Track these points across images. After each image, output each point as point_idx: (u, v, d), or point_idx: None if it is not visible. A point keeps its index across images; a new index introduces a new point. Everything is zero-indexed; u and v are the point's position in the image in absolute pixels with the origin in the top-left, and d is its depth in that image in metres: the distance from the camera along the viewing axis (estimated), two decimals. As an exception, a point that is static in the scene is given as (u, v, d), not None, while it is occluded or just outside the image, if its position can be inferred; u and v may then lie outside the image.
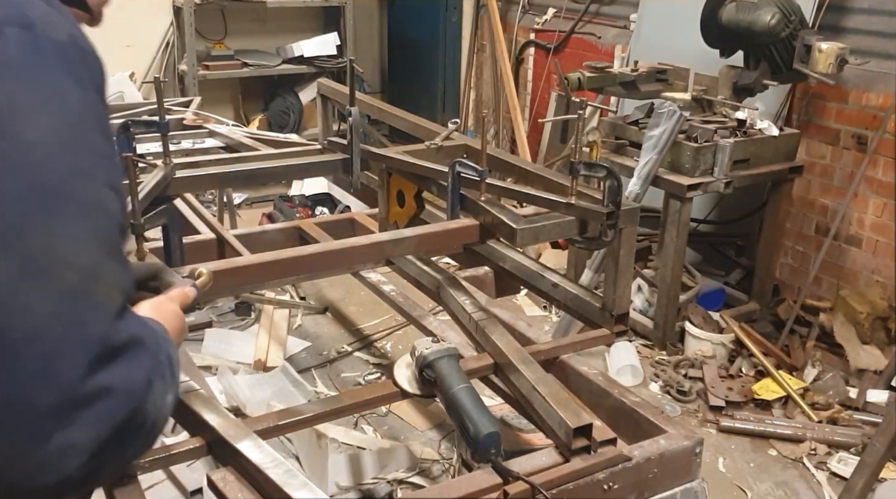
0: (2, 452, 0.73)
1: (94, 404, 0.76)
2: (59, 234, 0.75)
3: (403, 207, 2.43)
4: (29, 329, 0.73)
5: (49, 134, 0.76)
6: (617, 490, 1.59)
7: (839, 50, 3.33)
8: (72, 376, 0.74)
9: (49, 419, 0.73)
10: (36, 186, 0.74)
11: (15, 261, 0.73)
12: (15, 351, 0.72)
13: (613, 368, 3.40)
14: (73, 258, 0.77)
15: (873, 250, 3.73)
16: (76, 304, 0.76)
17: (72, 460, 0.76)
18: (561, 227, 1.96)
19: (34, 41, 0.76)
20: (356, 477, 2.67)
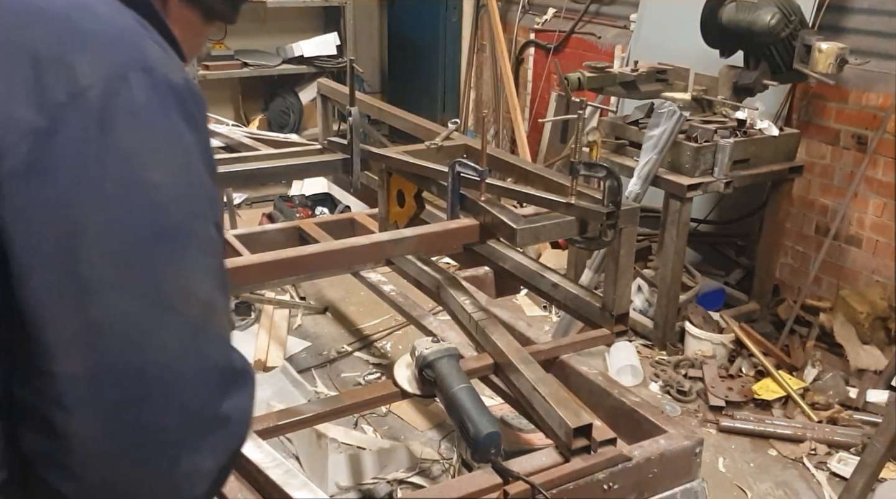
0: (139, 477, 0.78)
1: (217, 432, 0.81)
2: (184, 271, 0.79)
3: (403, 207, 2.43)
4: (161, 363, 0.77)
5: (172, 176, 0.78)
6: (617, 490, 1.59)
7: (839, 50, 3.33)
8: (199, 406, 0.79)
9: (178, 446, 0.78)
10: (163, 227, 0.77)
11: (148, 300, 0.76)
12: (149, 384, 0.76)
13: (613, 369, 3.40)
14: (197, 294, 0.80)
15: (873, 250, 3.72)
16: (200, 337, 0.80)
17: (197, 486, 0.81)
18: (561, 227, 1.96)
19: (155, 85, 0.78)
20: (356, 477, 2.67)
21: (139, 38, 0.81)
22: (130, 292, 0.75)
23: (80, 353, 0.74)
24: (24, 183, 0.72)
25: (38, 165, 0.72)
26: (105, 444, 0.76)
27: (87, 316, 0.74)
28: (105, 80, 0.75)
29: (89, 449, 0.75)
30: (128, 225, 0.75)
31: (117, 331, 0.75)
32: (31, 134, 0.72)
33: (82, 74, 0.74)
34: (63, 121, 0.73)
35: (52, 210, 0.73)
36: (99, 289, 0.74)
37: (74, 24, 0.77)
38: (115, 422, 0.76)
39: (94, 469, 0.76)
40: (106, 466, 0.76)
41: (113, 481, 0.77)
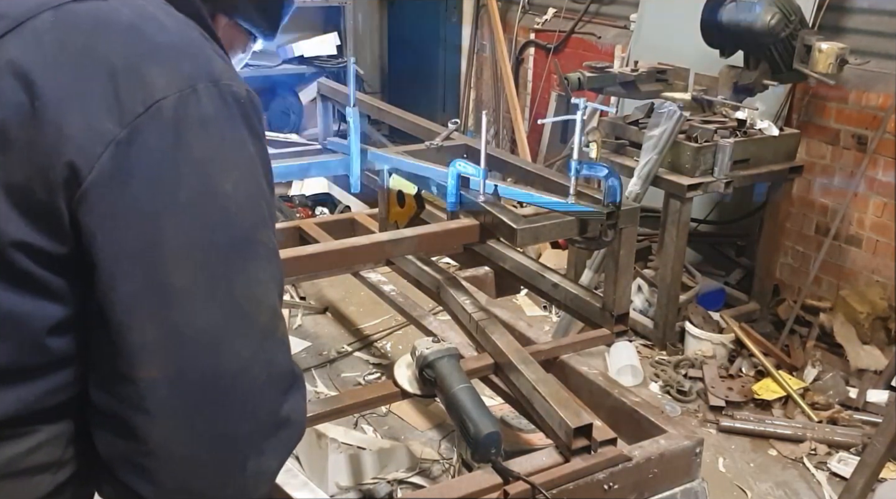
0: (213, 480, 0.81)
1: (280, 433, 0.84)
2: (254, 279, 0.82)
3: (403, 207, 2.43)
4: (235, 369, 0.80)
5: (239, 186, 0.81)
6: (617, 490, 1.59)
7: (839, 50, 3.33)
8: (267, 410, 0.83)
9: (248, 449, 0.82)
10: (235, 236, 0.81)
11: (225, 307, 0.79)
12: (224, 389, 0.79)
13: (613, 369, 3.40)
14: (265, 301, 0.84)
15: (873, 250, 3.72)
16: (268, 344, 0.83)
17: (262, 486, 0.85)
18: (561, 227, 1.96)
19: (222, 96, 0.80)
20: (356, 477, 2.67)
21: (204, 49, 0.83)
22: (208, 300, 0.78)
23: (162, 358, 0.77)
24: (108, 191, 0.74)
25: (119, 173, 0.74)
26: (183, 447, 0.79)
27: (168, 322, 0.77)
28: (178, 91, 0.77)
29: (169, 452, 0.78)
30: (203, 233, 0.78)
31: (197, 337, 0.78)
32: (114, 144, 0.74)
33: (156, 86, 0.76)
34: (140, 131, 0.75)
35: (134, 218, 0.75)
36: (179, 296, 0.77)
37: (145, 35, 0.80)
38: (194, 426, 0.79)
39: (172, 472, 0.79)
40: (183, 469, 0.79)
41: (188, 483, 0.80)
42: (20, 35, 0.76)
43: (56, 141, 0.73)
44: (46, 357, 0.78)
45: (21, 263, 0.74)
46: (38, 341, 0.77)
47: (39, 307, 0.76)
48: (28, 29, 0.77)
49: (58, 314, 0.77)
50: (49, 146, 0.73)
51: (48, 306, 0.77)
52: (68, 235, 0.75)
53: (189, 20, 0.86)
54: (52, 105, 0.74)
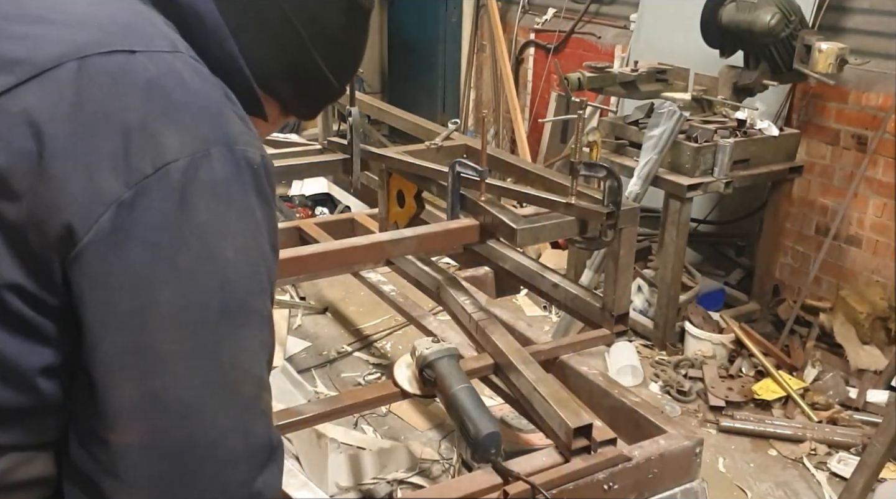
0: None
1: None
2: (243, 348, 0.80)
3: (403, 207, 2.43)
4: (211, 439, 0.78)
5: (242, 253, 0.79)
6: (617, 490, 1.59)
7: (839, 50, 3.33)
8: (238, 483, 0.81)
9: None
10: (229, 304, 0.79)
11: (208, 376, 0.78)
12: (197, 459, 0.78)
13: (613, 369, 3.40)
14: (251, 371, 0.82)
15: (873, 250, 3.72)
16: (248, 416, 0.81)
17: None
18: (561, 227, 1.96)
19: (235, 161, 0.79)
20: (356, 477, 2.67)
21: (224, 110, 0.81)
22: (192, 367, 0.77)
23: (138, 423, 0.76)
24: (104, 253, 0.73)
25: (118, 234, 0.73)
26: None
27: (148, 387, 0.75)
28: (190, 155, 0.75)
29: None
30: (197, 300, 0.76)
31: (175, 404, 0.76)
32: (116, 205, 0.72)
33: (168, 147, 0.75)
34: (145, 193, 0.73)
35: (127, 280, 0.74)
36: (163, 361, 0.75)
37: (164, 93, 0.77)
38: (161, 495, 0.78)
39: None
40: None
41: None
42: (41, 84, 0.75)
43: (57, 197, 0.72)
44: (38, 400, 0.77)
45: (14, 305, 0.73)
46: (29, 383, 0.76)
47: (30, 350, 0.75)
48: (49, 79, 0.75)
49: (49, 358, 0.76)
50: (49, 200, 0.72)
51: (39, 350, 0.76)
52: (59, 290, 0.74)
53: (216, 79, 0.84)
54: (59, 159, 0.72)
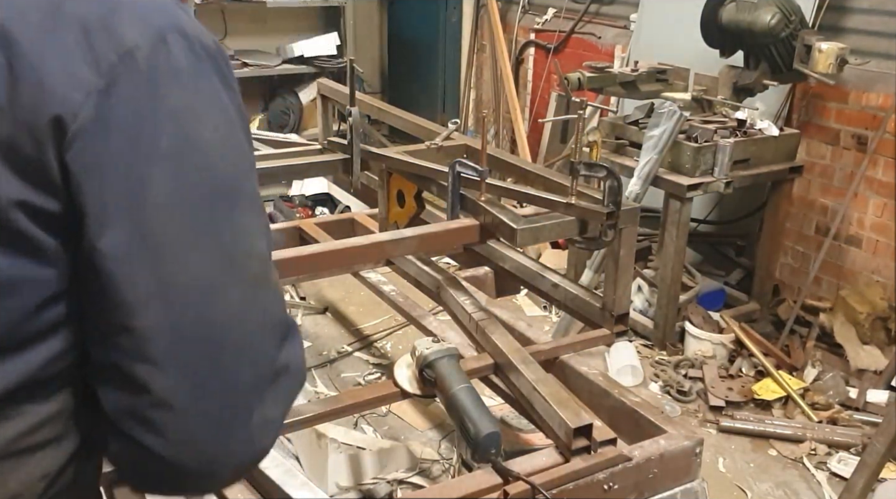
0: (219, 430, 0.81)
1: (280, 382, 0.85)
2: (242, 229, 0.83)
3: (403, 207, 2.43)
4: (229, 317, 0.81)
5: (218, 136, 0.82)
6: (617, 490, 1.59)
7: (839, 50, 3.33)
8: (265, 358, 0.83)
9: (250, 398, 0.82)
10: (219, 185, 0.81)
11: (214, 257, 0.80)
12: (219, 338, 0.80)
13: (613, 369, 3.40)
14: (255, 250, 0.84)
15: (873, 250, 3.72)
16: (261, 292, 0.84)
17: (269, 434, 0.85)
18: (561, 227, 1.96)
19: (191, 48, 0.81)
20: (356, 477, 2.67)
21: (171, 5, 0.84)
22: (198, 250, 0.79)
23: (159, 308, 0.77)
24: (91, 141, 0.75)
25: (100, 124, 0.75)
26: (187, 397, 0.79)
27: (158, 272, 0.77)
28: (148, 43, 0.78)
29: (174, 402, 0.78)
30: (186, 183, 0.79)
31: (188, 286, 0.79)
32: (95, 93, 0.75)
33: (126, 36, 0.77)
34: (117, 81, 0.76)
35: (117, 166, 0.76)
36: (168, 245, 0.77)
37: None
38: (195, 375, 0.79)
39: (179, 423, 0.79)
40: (189, 420, 0.79)
41: (195, 434, 0.80)
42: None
43: (39, 95, 0.74)
44: (41, 325, 0.78)
45: (20, 224, 0.75)
46: (31, 308, 0.77)
47: (34, 271, 0.77)
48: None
49: (52, 278, 0.78)
50: (32, 101, 0.74)
51: (43, 270, 0.77)
52: (59, 189, 0.75)
53: None
54: (31, 62, 0.74)
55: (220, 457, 0.82)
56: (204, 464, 0.82)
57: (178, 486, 0.86)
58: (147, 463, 0.81)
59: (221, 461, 0.83)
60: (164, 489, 0.90)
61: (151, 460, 0.80)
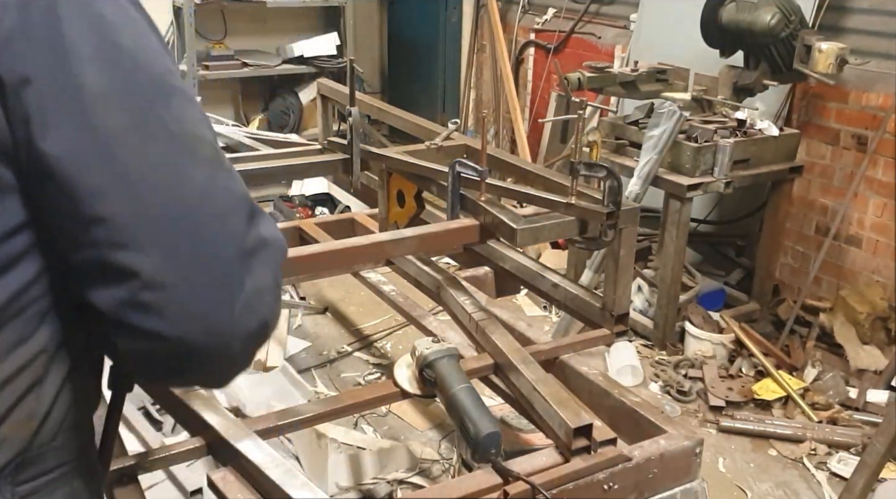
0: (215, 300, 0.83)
1: (261, 252, 0.87)
2: (184, 117, 0.85)
3: (403, 207, 2.43)
4: (195, 195, 0.83)
5: (138, 40, 0.85)
6: (617, 490, 1.59)
7: (839, 50, 3.33)
8: (240, 230, 0.85)
9: (237, 268, 0.84)
10: (150, 80, 0.84)
11: (165, 142, 0.82)
12: (192, 215, 0.82)
13: (613, 369, 3.40)
14: (202, 136, 0.86)
15: (873, 250, 3.72)
16: (220, 174, 0.86)
17: (266, 301, 0.87)
18: (561, 227, 1.96)
19: None
20: (356, 477, 2.67)
21: None
22: (147, 137, 0.81)
23: (121, 196, 0.80)
24: (20, 49, 0.78)
25: (24, 33, 0.78)
26: (177, 273, 0.81)
27: (114, 162, 0.80)
28: None
29: (163, 281, 0.80)
30: (119, 77, 0.81)
31: (147, 171, 0.81)
32: (13, 6, 0.78)
33: None
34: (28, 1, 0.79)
35: (49, 71, 0.78)
36: (117, 136, 0.80)
37: None
38: (178, 252, 0.81)
39: (174, 299, 0.81)
40: (183, 295, 0.81)
41: (194, 307, 0.82)
42: None
43: None
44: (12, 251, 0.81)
45: None
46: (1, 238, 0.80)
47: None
48: None
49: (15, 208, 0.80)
50: None
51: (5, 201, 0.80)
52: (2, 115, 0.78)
53: None
54: None
55: (225, 327, 0.84)
56: (212, 337, 0.83)
57: (196, 368, 0.87)
58: (157, 350, 0.83)
59: (228, 331, 0.84)
60: (184, 375, 0.91)
61: (160, 345, 0.82)
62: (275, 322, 0.91)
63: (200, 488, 2.41)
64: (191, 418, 1.68)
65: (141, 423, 2.76)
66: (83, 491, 0.95)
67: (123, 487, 1.51)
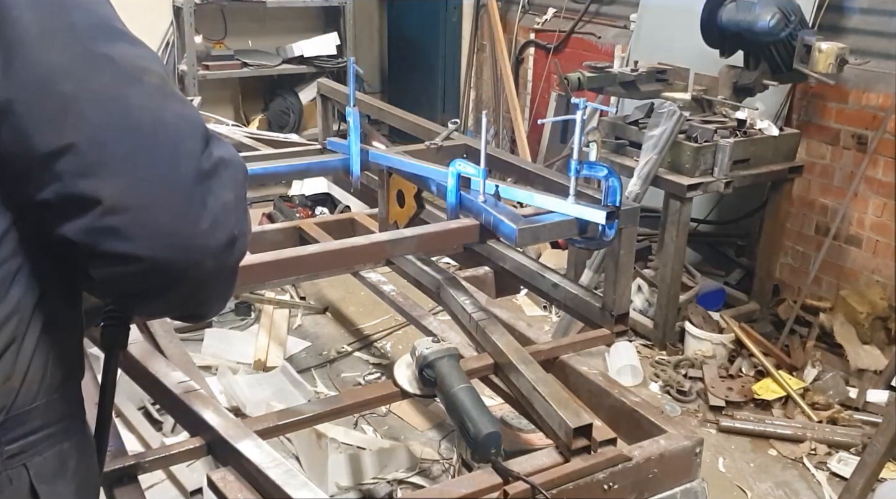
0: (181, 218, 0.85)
1: (221, 171, 0.89)
2: (130, 53, 0.87)
3: (403, 207, 2.43)
4: (146, 118, 0.85)
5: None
6: (617, 490, 1.59)
7: (839, 50, 3.33)
8: (197, 151, 0.87)
9: (198, 186, 0.86)
10: (92, 21, 0.86)
11: (112, 72, 0.84)
12: (147, 136, 0.84)
13: (613, 369, 3.40)
14: (151, 68, 0.88)
15: (873, 250, 3.72)
16: (171, 100, 0.88)
17: (231, 216, 0.90)
18: (561, 227, 1.96)
19: None
20: (356, 477, 2.67)
21: None
22: (93, 69, 0.83)
23: (73, 124, 0.81)
24: None
25: None
26: (138, 195, 0.83)
27: (61, 93, 0.81)
28: None
29: (128, 202, 0.82)
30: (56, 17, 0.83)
31: (95, 99, 0.82)
32: None
33: None
34: None
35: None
36: (61, 69, 0.82)
37: None
38: (138, 174, 0.83)
39: (139, 220, 0.83)
40: (148, 214, 0.83)
41: (159, 226, 0.84)
42: None
43: None
44: None
45: None
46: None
47: None
48: None
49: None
50: None
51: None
52: None
53: None
54: None
55: (194, 242, 0.86)
56: (183, 253, 0.85)
57: (172, 285, 0.88)
58: (133, 273, 0.85)
59: (198, 247, 0.86)
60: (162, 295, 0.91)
61: (134, 267, 0.84)
62: (244, 238, 0.93)
63: (200, 488, 2.41)
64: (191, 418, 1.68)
65: (141, 423, 2.76)
66: (72, 453, 0.96)
67: (123, 487, 1.51)
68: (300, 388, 3.14)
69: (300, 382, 3.17)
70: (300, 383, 3.16)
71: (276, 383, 3.16)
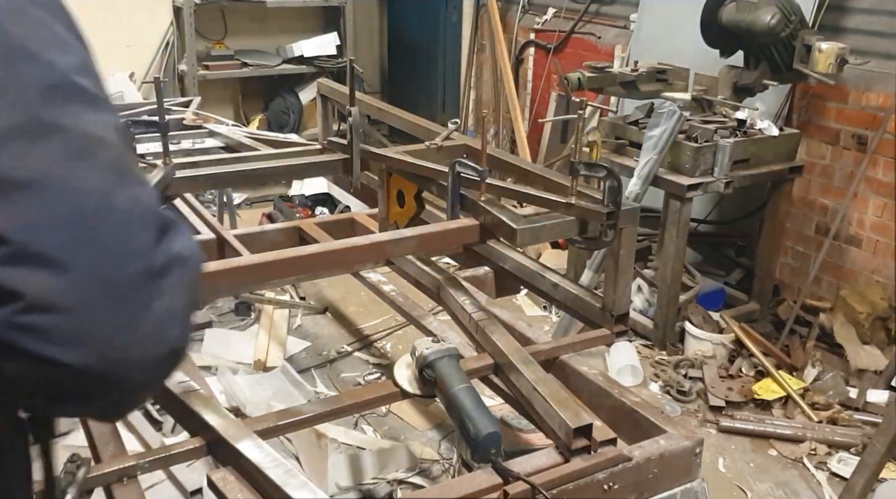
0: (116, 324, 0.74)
1: (174, 271, 0.78)
2: (84, 119, 0.77)
3: (403, 207, 2.43)
4: (97, 205, 0.75)
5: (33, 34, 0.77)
6: (617, 490, 1.59)
7: (839, 50, 3.33)
8: (147, 245, 0.77)
9: (144, 288, 0.76)
10: (51, 82, 0.76)
11: (60, 145, 0.74)
12: (94, 227, 0.74)
13: (613, 369, 3.40)
14: (107, 139, 0.78)
15: (873, 250, 3.72)
16: (127, 180, 0.78)
17: (174, 327, 0.79)
18: (561, 227, 1.96)
19: None
20: (356, 477, 2.67)
21: None
22: (37, 139, 0.73)
23: (23, 206, 0.71)
24: None
25: None
26: (68, 294, 0.72)
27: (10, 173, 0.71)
28: None
29: (55, 301, 0.72)
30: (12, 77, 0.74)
31: (36, 177, 0.72)
32: None
33: None
34: None
35: None
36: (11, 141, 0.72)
37: None
38: (72, 270, 0.72)
39: (66, 323, 0.72)
40: (76, 317, 0.72)
41: (88, 332, 0.73)
42: None
43: None
44: None
45: None
46: None
47: None
48: None
49: None
50: None
51: None
52: None
53: None
54: None
55: (126, 354, 0.75)
56: (111, 364, 0.74)
57: (94, 395, 0.77)
58: (50, 377, 0.74)
59: (131, 358, 0.75)
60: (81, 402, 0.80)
61: (53, 372, 0.73)
62: (185, 349, 0.82)
63: (200, 488, 2.41)
64: (191, 418, 1.68)
65: (141, 423, 2.76)
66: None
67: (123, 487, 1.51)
68: (300, 388, 3.14)
69: (300, 382, 3.17)
70: (300, 383, 3.16)
71: (276, 384, 3.16)
